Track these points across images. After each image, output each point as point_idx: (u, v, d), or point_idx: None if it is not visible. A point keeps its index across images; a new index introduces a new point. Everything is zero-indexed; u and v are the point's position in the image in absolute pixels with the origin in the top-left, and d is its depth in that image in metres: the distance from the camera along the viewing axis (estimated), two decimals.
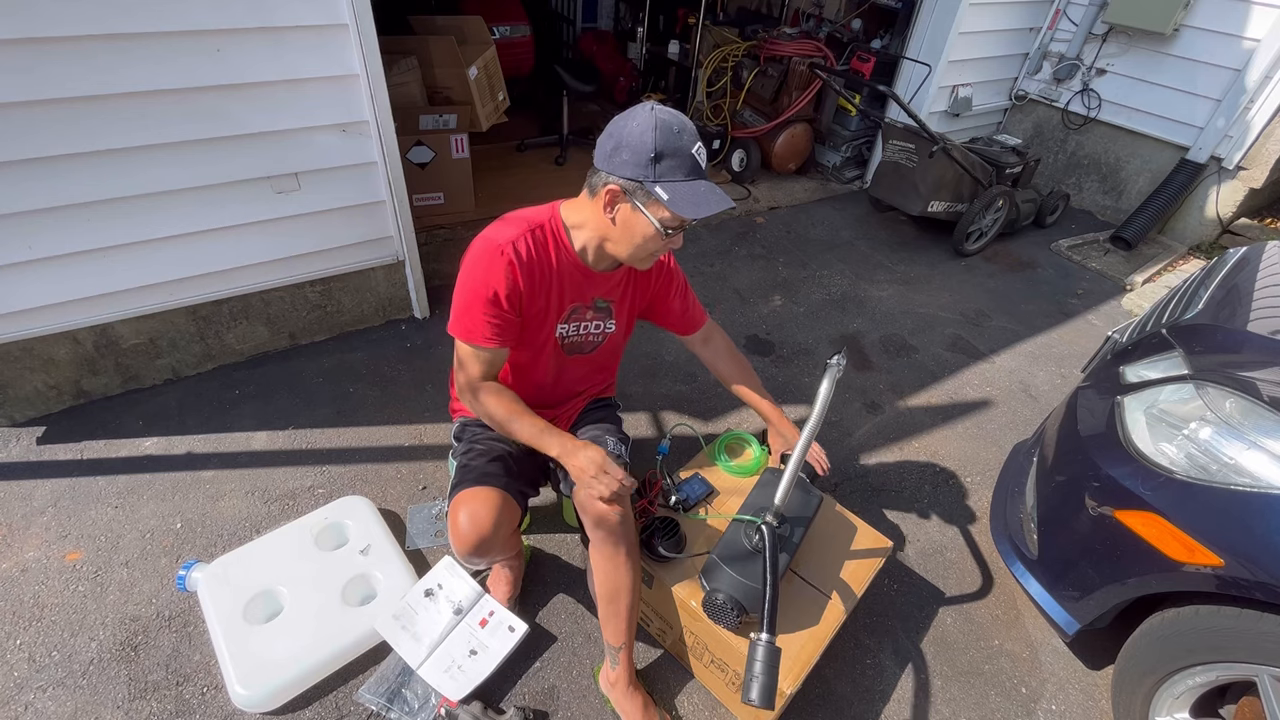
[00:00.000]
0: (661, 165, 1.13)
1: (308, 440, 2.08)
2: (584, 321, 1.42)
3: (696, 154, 1.15)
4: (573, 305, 1.37)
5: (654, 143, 1.11)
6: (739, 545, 1.37)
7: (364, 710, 1.44)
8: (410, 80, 3.10)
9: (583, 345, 1.46)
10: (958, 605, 1.84)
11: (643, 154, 1.12)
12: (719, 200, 1.16)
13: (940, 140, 3.21)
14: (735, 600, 1.29)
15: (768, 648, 1.15)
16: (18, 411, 2.02)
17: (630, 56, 5.21)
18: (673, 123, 1.13)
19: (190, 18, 1.70)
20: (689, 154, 1.14)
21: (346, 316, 2.51)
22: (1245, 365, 1.40)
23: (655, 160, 1.12)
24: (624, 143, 1.13)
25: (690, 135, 1.15)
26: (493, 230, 1.27)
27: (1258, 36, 3.36)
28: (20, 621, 1.54)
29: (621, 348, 1.59)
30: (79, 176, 1.76)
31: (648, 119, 1.12)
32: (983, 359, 2.87)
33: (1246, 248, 1.93)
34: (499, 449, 1.44)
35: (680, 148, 1.13)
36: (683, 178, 1.14)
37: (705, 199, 1.15)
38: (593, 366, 1.54)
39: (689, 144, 1.14)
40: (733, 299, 3.05)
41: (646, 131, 1.11)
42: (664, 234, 1.19)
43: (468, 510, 1.30)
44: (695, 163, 1.15)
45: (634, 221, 1.19)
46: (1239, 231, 3.82)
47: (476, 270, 1.25)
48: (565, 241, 1.29)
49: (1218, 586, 1.23)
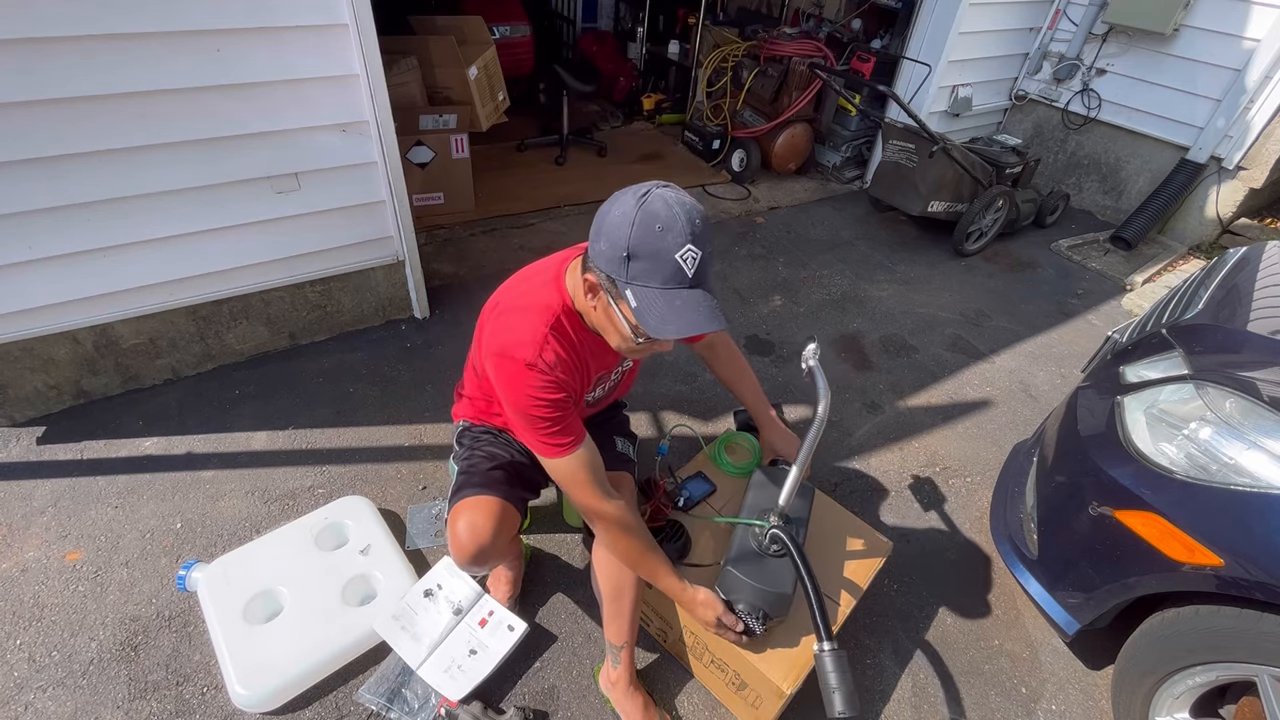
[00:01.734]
0: (633, 266, 0.96)
1: (308, 440, 2.08)
2: (608, 381, 1.41)
3: (682, 258, 0.94)
4: (599, 374, 1.32)
5: (628, 239, 0.94)
6: (749, 550, 1.36)
7: (364, 710, 1.44)
8: (410, 80, 3.10)
9: (605, 396, 1.46)
10: (958, 605, 1.84)
11: (617, 250, 0.96)
12: (697, 320, 0.96)
13: (940, 140, 3.21)
14: (757, 608, 1.28)
15: (834, 656, 1.12)
16: (18, 411, 2.02)
17: (630, 56, 5.22)
18: (659, 215, 0.94)
19: (190, 18, 1.70)
20: (670, 258, 0.94)
21: (346, 316, 2.51)
22: (1245, 365, 1.40)
23: (627, 260, 0.96)
24: (603, 230, 0.98)
25: (677, 234, 0.94)
26: (508, 342, 1.12)
27: (1258, 36, 3.36)
28: (20, 621, 1.54)
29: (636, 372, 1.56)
30: (79, 176, 1.76)
31: (630, 208, 0.95)
32: (983, 359, 2.87)
33: (1246, 248, 1.93)
34: (501, 455, 1.44)
35: (659, 250, 0.94)
36: (658, 285, 0.96)
37: (679, 316, 0.95)
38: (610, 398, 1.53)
39: (673, 245, 0.94)
40: (733, 299, 3.05)
41: (624, 224, 0.95)
42: (634, 341, 1.06)
43: (467, 519, 1.30)
44: (678, 269, 0.95)
45: (613, 317, 1.05)
46: (1239, 231, 3.81)
47: (516, 392, 1.11)
48: (582, 325, 1.18)
49: (1218, 586, 1.23)
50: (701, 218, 0.98)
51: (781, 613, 1.30)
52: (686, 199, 0.98)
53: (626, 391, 1.60)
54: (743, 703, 1.44)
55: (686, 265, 0.96)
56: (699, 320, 0.96)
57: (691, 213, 0.96)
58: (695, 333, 0.97)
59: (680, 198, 0.98)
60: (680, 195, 0.98)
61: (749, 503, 1.46)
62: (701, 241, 0.96)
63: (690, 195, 1.01)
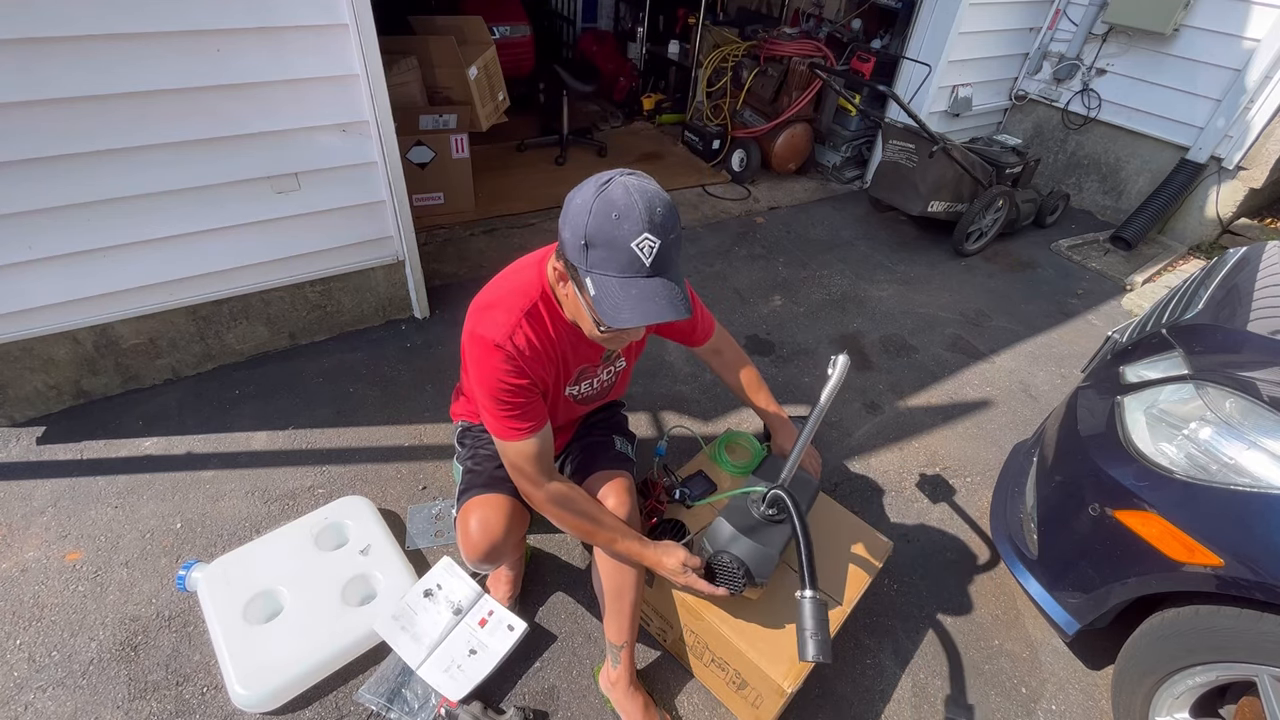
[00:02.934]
0: (592, 255, 0.96)
1: (308, 440, 2.08)
2: (594, 378, 1.39)
3: (638, 246, 0.93)
4: (581, 367, 1.31)
5: (585, 226, 0.94)
6: (744, 510, 1.34)
7: (364, 710, 1.44)
8: (410, 80, 3.10)
9: (596, 395, 1.45)
10: (958, 605, 1.84)
11: (577, 236, 0.96)
12: (653, 309, 0.95)
13: (940, 140, 3.21)
14: (741, 562, 1.26)
15: (813, 602, 1.13)
16: (18, 411, 2.02)
17: (630, 56, 5.22)
18: (616, 203, 0.93)
19: (190, 18, 1.70)
20: (626, 246, 0.93)
21: (346, 316, 2.51)
22: (1245, 365, 1.40)
23: (585, 248, 0.96)
24: (566, 217, 0.98)
25: (634, 222, 0.92)
26: (484, 324, 1.13)
27: (1258, 36, 3.36)
28: (20, 621, 1.54)
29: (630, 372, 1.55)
30: (79, 176, 1.76)
31: (589, 195, 0.95)
32: (983, 359, 2.87)
33: (1246, 248, 1.93)
34: None
35: (615, 238, 0.93)
36: (615, 273, 0.95)
37: (634, 305, 0.95)
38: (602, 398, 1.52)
39: (629, 233, 0.93)
40: (733, 299, 3.05)
41: (582, 212, 0.95)
42: (598, 329, 1.06)
43: (479, 517, 1.30)
44: (634, 257, 0.94)
45: (579, 304, 1.05)
46: (1239, 231, 3.81)
47: (483, 371, 1.13)
48: (560, 313, 1.18)
49: (1218, 586, 1.23)
50: (664, 205, 0.96)
51: (764, 575, 1.27)
52: (650, 186, 0.97)
53: (623, 391, 1.60)
54: (743, 702, 1.44)
55: (643, 254, 0.94)
56: (655, 309, 0.96)
57: (652, 200, 0.95)
58: (651, 322, 0.96)
59: (642, 185, 0.96)
60: (643, 183, 0.97)
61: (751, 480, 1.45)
62: (661, 230, 0.95)
63: (654, 182, 1.00)
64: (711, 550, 1.30)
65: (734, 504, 1.37)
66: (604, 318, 0.98)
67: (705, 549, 1.33)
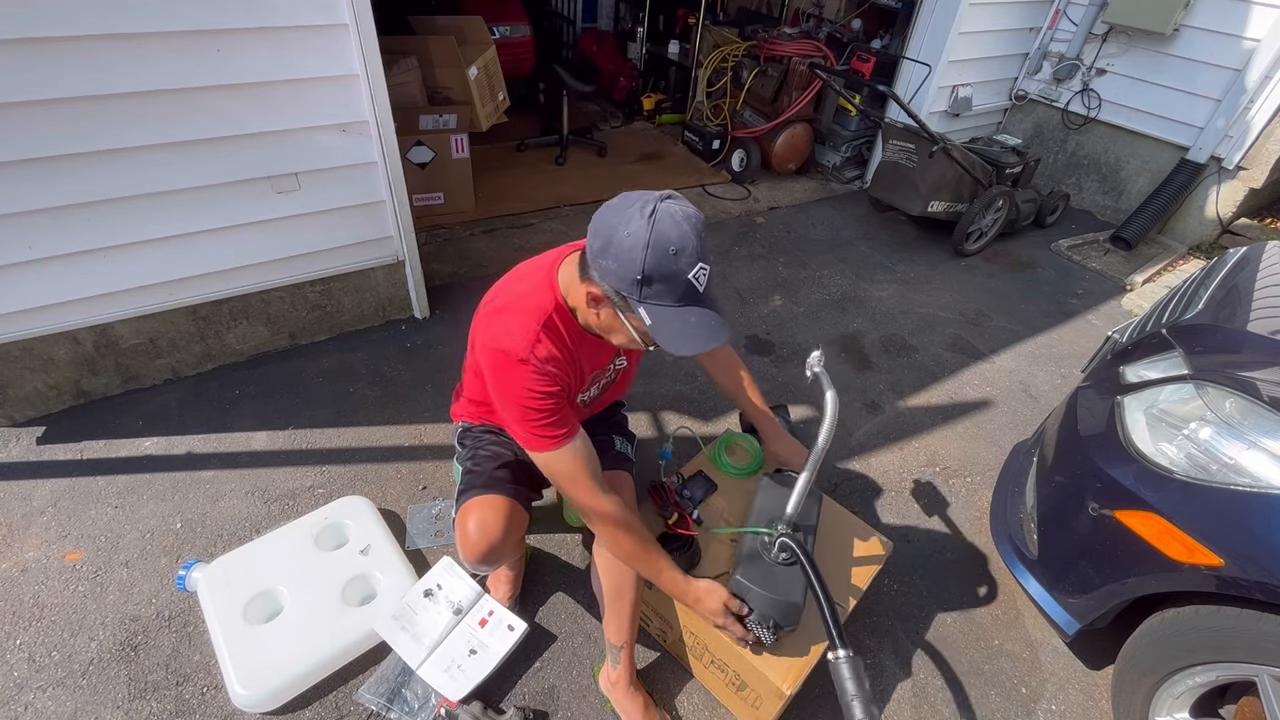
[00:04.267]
0: (649, 289, 0.98)
1: (308, 440, 2.08)
2: (603, 380, 1.40)
3: (695, 278, 0.98)
4: (594, 373, 1.32)
5: (643, 263, 0.95)
6: (759, 560, 1.34)
7: (364, 710, 1.44)
8: (410, 80, 3.10)
9: (602, 396, 1.45)
10: (958, 605, 1.84)
11: (630, 272, 0.96)
12: (708, 335, 1.00)
13: (940, 140, 3.21)
14: (768, 617, 1.27)
15: (850, 663, 1.09)
16: (18, 411, 2.02)
17: (630, 56, 5.22)
18: (670, 238, 0.95)
19: (190, 18, 1.70)
20: (685, 279, 0.97)
21: (346, 316, 2.51)
22: (1245, 365, 1.40)
23: (642, 283, 0.97)
24: (611, 249, 0.98)
25: (690, 255, 0.96)
26: (501, 337, 1.12)
27: (1258, 36, 3.36)
28: (20, 621, 1.54)
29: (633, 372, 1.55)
30: (79, 176, 1.76)
31: (641, 232, 0.95)
32: (983, 359, 2.87)
33: (1246, 248, 1.93)
34: (505, 454, 1.44)
35: (675, 273, 0.96)
36: (672, 303, 0.99)
37: (694, 333, 1.00)
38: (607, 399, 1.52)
39: (686, 266, 0.97)
40: (733, 299, 3.05)
41: (637, 248, 0.95)
42: (645, 348, 1.10)
43: (477, 518, 1.30)
44: (691, 288, 0.99)
45: (618, 324, 1.08)
46: (1239, 231, 3.81)
47: (508, 385, 1.12)
48: (574, 323, 1.18)
49: (1218, 586, 1.23)
50: (703, 226, 1.00)
51: (792, 622, 1.29)
52: (691, 211, 1.00)
53: (624, 391, 1.60)
54: (743, 703, 1.44)
55: (699, 283, 0.99)
56: (711, 336, 1.01)
57: (698, 227, 0.99)
58: (709, 348, 1.01)
59: (686, 211, 0.99)
60: (685, 208, 1.00)
61: (756, 508, 1.45)
62: (708, 256, 1.00)
63: (690, 203, 1.02)
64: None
65: (749, 552, 1.36)
66: (666, 347, 1.01)
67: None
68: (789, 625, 1.29)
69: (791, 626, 1.30)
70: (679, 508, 1.52)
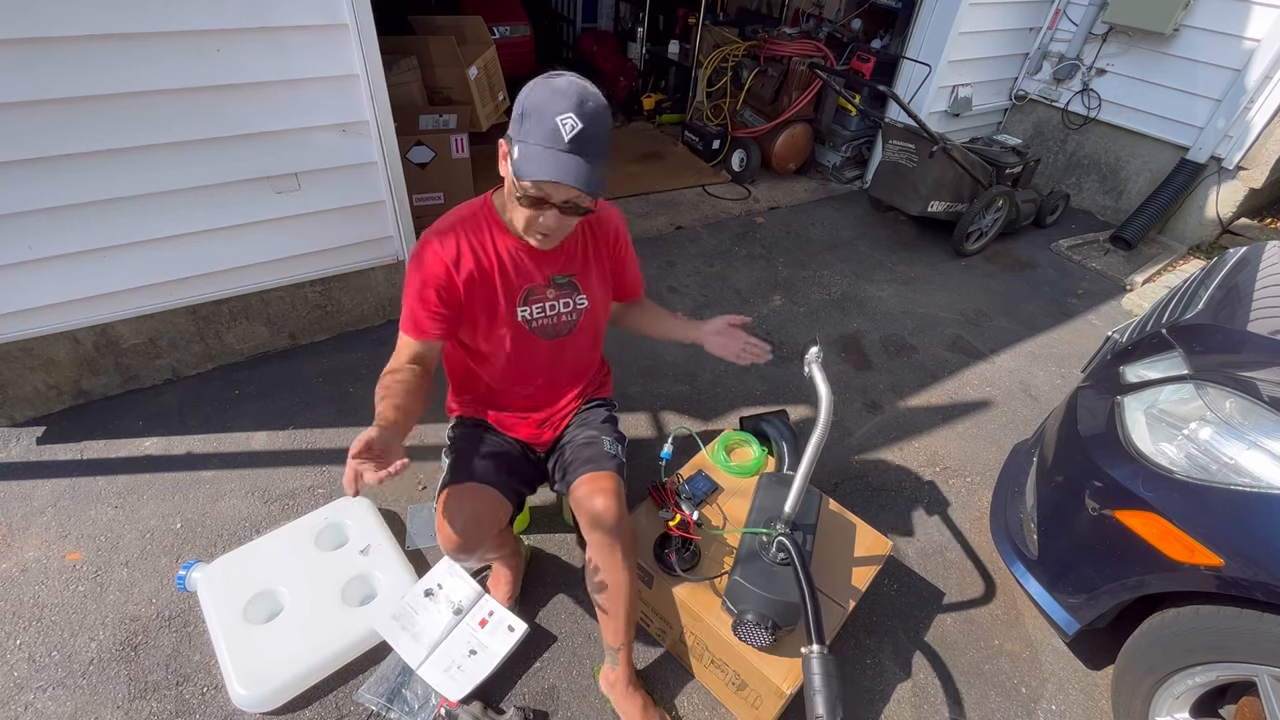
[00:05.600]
0: (523, 125, 1.06)
1: (308, 440, 2.08)
2: (546, 301, 1.35)
3: (561, 121, 1.02)
4: (527, 287, 1.31)
5: (525, 100, 1.06)
6: (758, 561, 1.35)
7: (364, 710, 1.44)
8: (410, 80, 3.10)
9: (558, 327, 1.39)
10: (958, 605, 1.84)
11: (516, 110, 1.08)
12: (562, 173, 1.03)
13: (940, 140, 3.21)
14: (765, 617, 1.28)
15: (821, 659, 1.12)
16: (18, 411, 2.02)
17: (630, 56, 5.22)
18: (556, 86, 1.04)
19: (190, 18, 1.70)
20: (551, 119, 1.03)
21: (346, 316, 2.51)
22: (1245, 365, 1.40)
23: (521, 117, 1.07)
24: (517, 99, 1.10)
25: (563, 102, 1.02)
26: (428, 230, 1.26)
27: (1258, 36, 3.36)
28: (20, 621, 1.54)
29: (604, 324, 1.52)
30: (79, 176, 1.76)
31: (540, 79, 1.07)
32: (983, 359, 2.87)
33: (1246, 248, 1.93)
34: (489, 445, 1.43)
35: (544, 111, 1.03)
36: (538, 141, 1.04)
37: (545, 165, 1.04)
38: (578, 350, 1.47)
39: (557, 109, 1.02)
40: (733, 299, 3.05)
41: (528, 89, 1.07)
42: (514, 197, 1.12)
43: (453, 506, 1.29)
44: (555, 130, 1.03)
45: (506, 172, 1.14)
46: (1239, 231, 3.82)
47: (410, 266, 1.25)
48: (500, 223, 1.26)
49: (1218, 586, 1.23)
50: (596, 102, 1.06)
51: (791, 622, 1.29)
52: (593, 88, 1.08)
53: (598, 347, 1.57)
54: (742, 703, 1.44)
55: (564, 129, 1.03)
56: (564, 173, 1.04)
57: (585, 93, 1.05)
58: (556, 179, 1.04)
59: (586, 84, 1.07)
60: (588, 84, 1.08)
61: (756, 507, 1.45)
62: (585, 117, 1.04)
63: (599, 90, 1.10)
64: (736, 610, 1.32)
65: (747, 554, 1.37)
66: (516, 170, 1.07)
67: (727, 608, 1.35)
68: (787, 625, 1.29)
69: (790, 626, 1.30)
70: (679, 508, 1.52)
